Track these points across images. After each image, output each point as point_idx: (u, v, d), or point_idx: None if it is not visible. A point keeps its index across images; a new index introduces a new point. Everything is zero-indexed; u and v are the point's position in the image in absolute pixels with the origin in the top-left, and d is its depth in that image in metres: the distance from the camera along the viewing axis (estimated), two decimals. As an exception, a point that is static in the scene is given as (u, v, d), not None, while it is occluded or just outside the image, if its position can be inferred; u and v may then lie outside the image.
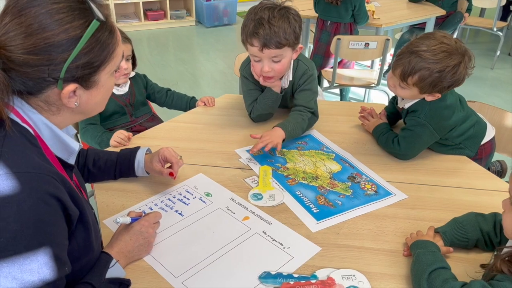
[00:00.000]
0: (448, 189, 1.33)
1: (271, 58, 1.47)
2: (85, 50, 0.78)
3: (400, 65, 1.34)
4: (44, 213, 0.72)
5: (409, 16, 3.53)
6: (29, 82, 0.77)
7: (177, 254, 1.05)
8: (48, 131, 0.83)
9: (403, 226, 1.17)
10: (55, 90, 0.79)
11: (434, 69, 1.28)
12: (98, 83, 0.84)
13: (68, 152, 0.88)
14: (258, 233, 1.12)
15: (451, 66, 1.28)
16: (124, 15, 5.87)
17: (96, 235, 0.91)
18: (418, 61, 1.29)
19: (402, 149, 1.45)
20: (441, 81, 1.30)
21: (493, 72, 4.46)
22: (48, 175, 0.75)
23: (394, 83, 1.40)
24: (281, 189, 1.32)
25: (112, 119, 1.84)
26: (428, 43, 1.29)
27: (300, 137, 1.61)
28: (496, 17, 4.39)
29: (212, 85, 4.13)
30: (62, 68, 0.76)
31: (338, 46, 2.83)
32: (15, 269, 0.68)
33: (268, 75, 1.51)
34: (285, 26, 1.41)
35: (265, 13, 1.41)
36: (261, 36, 1.41)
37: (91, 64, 0.80)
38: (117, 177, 1.32)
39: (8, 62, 0.74)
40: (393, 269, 1.03)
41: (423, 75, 1.30)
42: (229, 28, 5.91)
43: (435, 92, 1.35)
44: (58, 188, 0.75)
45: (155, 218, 1.09)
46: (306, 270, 1.01)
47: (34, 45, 0.74)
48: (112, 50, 0.83)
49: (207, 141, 1.57)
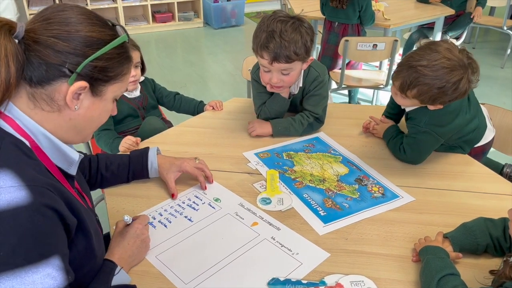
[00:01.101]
0: (457, 193, 1.32)
1: (281, 71, 1.47)
2: (107, 56, 0.83)
3: (399, 78, 1.32)
4: (41, 224, 0.72)
5: (417, 16, 3.51)
6: (44, 67, 0.78)
7: (187, 260, 1.06)
8: (47, 141, 0.84)
9: (411, 231, 1.17)
10: (64, 85, 0.80)
11: (434, 85, 1.25)
12: (103, 96, 0.87)
13: (68, 162, 0.89)
14: (267, 239, 1.13)
15: (451, 82, 1.24)
16: (133, 17, 5.91)
17: (98, 242, 0.92)
18: (417, 76, 1.26)
19: (409, 157, 1.46)
20: (442, 96, 1.28)
21: (503, 71, 4.42)
22: (42, 186, 0.75)
23: (395, 92, 1.40)
24: (289, 192, 1.32)
25: (125, 122, 1.87)
26: (429, 58, 1.25)
27: (307, 140, 1.62)
28: (506, 15, 4.34)
29: (220, 87, 4.14)
30: (82, 63, 0.80)
31: (346, 48, 2.83)
32: (17, 282, 0.69)
33: (277, 85, 1.52)
34: (296, 40, 1.40)
35: (278, 26, 1.40)
36: (271, 50, 1.40)
37: (106, 71, 0.84)
38: (130, 180, 1.34)
39: (34, 43, 0.78)
40: (402, 275, 1.03)
41: (422, 90, 1.28)
42: (237, 29, 5.92)
43: (436, 104, 1.33)
44: (53, 199, 0.76)
45: (144, 220, 1.12)
46: (315, 276, 1.02)
47: (67, 32, 0.79)
48: (124, 73, 0.89)
49: (215, 145, 1.58)
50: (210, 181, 1.36)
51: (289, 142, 1.61)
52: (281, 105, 1.63)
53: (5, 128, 0.79)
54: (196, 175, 1.32)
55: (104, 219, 1.22)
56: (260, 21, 1.48)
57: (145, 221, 1.12)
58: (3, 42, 0.75)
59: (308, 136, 1.65)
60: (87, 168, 1.25)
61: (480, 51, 4.98)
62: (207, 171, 1.35)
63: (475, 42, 5.11)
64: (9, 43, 0.76)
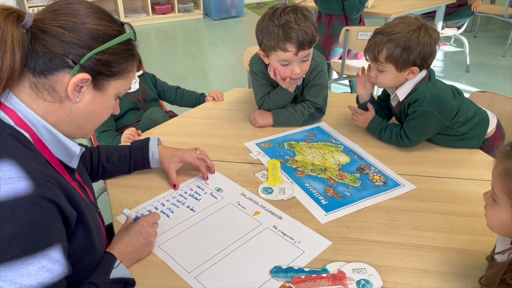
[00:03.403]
0: (459, 181, 1.32)
1: (302, 59, 1.48)
2: (112, 50, 0.84)
3: (368, 50, 1.43)
4: (39, 216, 0.72)
5: (418, 5, 3.48)
6: (48, 57, 0.79)
7: (189, 249, 1.07)
8: (48, 133, 0.84)
9: (413, 219, 1.17)
10: (66, 76, 0.81)
11: (397, 38, 1.35)
12: (105, 91, 0.87)
13: (69, 155, 0.89)
14: (269, 228, 1.13)
15: (411, 31, 1.34)
16: (132, 9, 5.88)
17: (99, 235, 0.92)
18: (381, 38, 1.38)
19: (413, 141, 1.46)
20: (409, 49, 1.35)
21: (505, 60, 4.40)
22: (42, 178, 0.75)
23: (374, 73, 1.46)
24: (290, 181, 1.33)
25: (127, 116, 1.87)
26: (388, 24, 1.41)
27: (308, 130, 1.62)
28: (507, 4, 4.31)
29: (221, 78, 4.13)
30: (87, 55, 0.80)
31: (347, 37, 2.81)
32: (13, 273, 0.69)
33: (298, 76, 1.53)
34: (310, 25, 1.43)
35: (290, 16, 1.42)
36: (295, 39, 1.41)
37: (110, 66, 0.84)
38: (131, 171, 1.34)
39: (40, 33, 0.79)
40: (404, 262, 1.03)
41: (390, 47, 1.36)
42: (237, 20, 5.90)
43: (411, 67, 1.38)
44: (53, 191, 0.76)
45: (153, 218, 1.09)
46: (317, 264, 1.02)
47: (74, 23, 0.80)
48: (129, 70, 0.90)
49: (216, 136, 1.58)
50: (212, 171, 1.36)
51: (291, 132, 1.61)
52: (286, 98, 1.64)
53: (5, 120, 0.80)
54: (197, 165, 1.32)
55: (107, 210, 1.23)
56: (263, 20, 1.47)
57: (153, 219, 1.09)
58: (10, 29, 0.76)
59: (310, 125, 1.65)
60: (88, 161, 1.25)
61: (481, 39, 4.96)
62: (209, 161, 1.35)
63: (477, 31, 5.08)
64: (16, 30, 0.76)
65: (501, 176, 0.83)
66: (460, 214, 1.18)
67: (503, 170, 0.82)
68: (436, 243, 1.08)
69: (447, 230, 1.13)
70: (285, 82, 1.56)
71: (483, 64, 4.28)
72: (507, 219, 0.83)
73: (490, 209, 0.89)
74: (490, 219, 0.89)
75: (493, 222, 0.88)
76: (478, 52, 4.52)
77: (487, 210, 0.90)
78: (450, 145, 1.49)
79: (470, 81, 3.91)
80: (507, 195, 0.82)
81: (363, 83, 1.58)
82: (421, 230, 1.13)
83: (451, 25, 4.01)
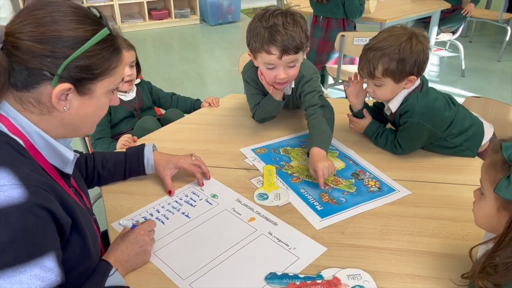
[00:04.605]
0: (453, 187, 1.33)
1: (287, 64, 1.45)
2: (88, 53, 0.80)
3: (363, 67, 1.41)
4: (32, 224, 0.72)
5: (413, 10, 3.50)
6: (26, 73, 0.77)
7: (184, 256, 1.07)
8: (41, 140, 0.83)
9: (408, 224, 1.17)
10: (48, 88, 0.79)
11: (391, 52, 1.34)
12: (92, 93, 0.85)
13: (64, 161, 0.89)
14: (264, 234, 1.13)
15: (403, 42, 1.34)
16: (129, 15, 5.89)
17: (94, 242, 0.92)
18: (374, 54, 1.36)
19: (405, 150, 1.47)
20: (404, 60, 1.34)
21: (500, 65, 4.42)
22: (36, 185, 0.75)
23: (372, 88, 1.44)
24: (285, 187, 1.33)
25: (121, 124, 1.87)
26: (376, 38, 1.39)
27: (304, 135, 1.63)
28: (502, 9, 4.34)
29: (217, 84, 4.14)
30: (62, 64, 0.78)
31: (343, 43, 2.82)
32: (5, 281, 0.69)
33: (283, 81, 1.49)
34: (299, 30, 1.40)
35: (279, 19, 1.39)
36: (280, 42, 1.38)
37: (90, 69, 0.81)
38: (127, 177, 1.33)
39: (13, 49, 0.76)
40: (399, 268, 1.03)
41: (385, 62, 1.35)
42: (233, 25, 5.92)
43: (408, 76, 1.38)
44: (47, 199, 0.76)
45: (149, 226, 1.08)
46: (312, 270, 1.02)
47: (42, 34, 0.77)
48: (114, 66, 0.86)
49: (212, 142, 1.58)
50: (207, 177, 1.36)
51: (286, 137, 1.62)
52: (276, 106, 1.62)
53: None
54: (193, 171, 1.32)
55: (102, 217, 1.23)
56: (253, 21, 1.46)
57: (149, 227, 1.07)
58: None
59: (305, 131, 1.65)
60: (83, 167, 1.25)
61: (477, 44, 4.99)
62: (204, 168, 1.35)
63: (472, 35, 5.11)
64: None
65: (488, 168, 0.87)
66: (454, 220, 1.18)
67: (490, 162, 0.86)
68: (430, 249, 1.09)
69: (441, 236, 1.13)
70: (270, 89, 1.54)
71: (478, 69, 4.30)
72: (491, 211, 0.87)
73: (477, 203, 0.92)
74: (477, 213, 0.93)
75: (480, 215, 0.92)
76: (473, 57, 4.54)
77: (475, 205, 0.94)
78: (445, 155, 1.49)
79: (465, 85, 3.93)
80: (492, 185, 0.85)
81: (354, 93, 1.56)
82: (416, 235, 1.14)
83: (446, 30, 4.03)
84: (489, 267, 0.84)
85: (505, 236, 0.82)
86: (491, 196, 0.86)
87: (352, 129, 1.60)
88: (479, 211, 0.91)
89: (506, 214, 0.83)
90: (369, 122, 1.55)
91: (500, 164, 0.84)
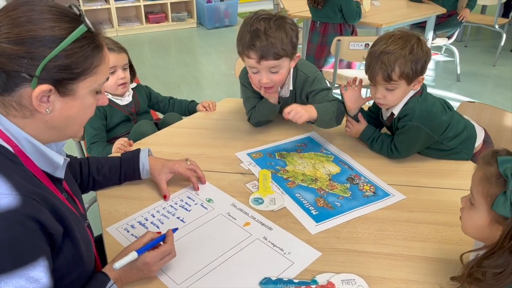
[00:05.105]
0: (447, 191, 1.33)
1: (269, 69, 1.46)
2: (67, 52, 0.77)
3: (377, 72, 1.37)
4: (20, 235, 0.71)
5: (409, 15, 3.52)
6: (4, 76, 0.75)
7: (179, 261, 1.07)
8: (30, 145, 0.82)
9: (402, 229, 1.18)
10: (28, 90, 0.77)
11: (405, 53, 1.34)
12: (75, 94, 0.82)
13: (53, 166, 0.87)
14: (259, 239, 1.13)
15: (414, 43, 1.35)
16: (126, 18, 5.89)
17: (87, 248, 0.90)
18: (389, 56, 1.34)
19: (402, 154, 1.47)
20: (418, 61, 1.35)
21: (495, 69, 4.45)
22: (25, 195, 0.73)
23: (382, 94, 1.41)
24: (281, 192, 1.33)
25: (117, 128, 1.86)
26: (383, 42, 1.37)
27: (299, 140, 1.63)
28: (497, 13, 4.37)
29: (214, 87, 4.14)
30: (39, 65, 0.75)
31: (339, 47, 2.84)
32: None
33: (267, 85, 1.50)
34: (282, 37, 1.40)
35: (261, 24, 1.40)
36: (258, 48, 1.40)
37: (70, 69, 0.79)
38: (122, 182, 1.33)
39: None
40: (393, 273, 1.03)
41: (401, 63, 1.34)
42: (230, 29, 5.92)
43: (419, 77, 1.39)
44: (37, 209, 0.74)
45: (163, 253, 0.99)
46: (306, 275, 1.02)
47: (17, 35, 0.74)
48: (95, 65, 0.83)
49: (208, 146, 1.59)
50: (203, 182, 1.36)
51: (282, 142, 1.62)
52: (271, 110, 1.62)
53: None
54: (188, 176, 1.32)
55: (97, 221, 1.23)
56: (243, 23, 1.48)
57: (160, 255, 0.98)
58: None
59: (300, 135, 1.66)
60: (78, 172, 1.24)
61: (472, 49, 5.01)
62: (199, 172, 1.35)
63: (467, 40, 5.13)
64: None
65: (481, 180, 0.87)
66: (448, 224, 1.19)
67: (484, 174, 0.86)
68: (425, 254, 1.09)
69: (435, 241, 1.14)
70: (261, 91, 1.55)
71: (473, 73, 4.32)
72: (483, 222, 0.87)
73: (467, 212, 0.92)
74: (466, 222, 0.93)
75: (469, 225, 0.92)
76: (468, 62, 4.56)
77: (464, 213, 0.94)
78: (441, 158, 1.50)
79: (460, 90, 3.95)
80: (485, 199, 0.85)
81: (352, 98, 1.55)
82: (410, 240, 1.14)
83: (441, 35, 4.05)
84: (478, 272, 0.84)
85: (498, 248, 0.82)
86: (484, 209, 0.86)
87: (348, 133, 1.60)
88: (469, 221, 0.91)
89: (499, 227, 0.84)
90: (365, 126, 1.56)
91: (494, 177, 0.84)
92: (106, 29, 5.41)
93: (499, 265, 0.81)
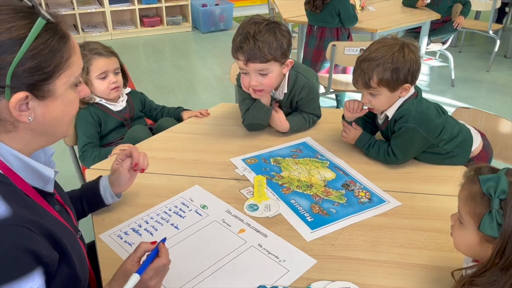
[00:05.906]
0: (443, 197, 1.33)
1: (258, 72, 1.49)
2: (32, 52, 0.72)
3: (358, 78, 1.42)
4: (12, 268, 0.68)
5: (404, 20, 3.54)
6: None
7: (173, 268, 1.04)
8: (18, 162, 0.78)
9: (398, 236, 1.17)
10: (4, 102, 0.72)
11: (385, 62, 1.36)
12: (54, 94, 0.77)
13: (44, 180, 0.83)
14: (254, 246, 1.12)
15: (395, 52, 1.36)
16: (120, 22, 5.87)
17: (82, 265, 0.87)
18: (368, 64, 1.38)
19: (399, 158, 1.47)
20: (398, 69, 1.36)
21: (489, 75, 4.47)
22: (17, 225, 0.70)
23: (367, 98, 1.45)
24: (276, 198, 1.32)
25: (111, 134, 1.84)
26: (369, 49, 1.41)
27: (294, 145, 1.62)
28: (491, 19, 4.40)
29: (208, 92, 4.13)
30: (7, 74, 0.70)
31: (334, 52, 2.84)
32: None
33: (256, 88, 1.54)
34: (270, 41, 1.44)
35: (252, 27, 1.45)
36: (245, 50, 1.44)
37: (41, 69, 0.73)
38: (87, 213, 1.21)
39: None
40: (388, 281, 1.03)
41: (379, 71, 1.37)
42: (225, 33, 5.92)
43: (402, 85, 1.39)
44: (32, 239, 0.71)
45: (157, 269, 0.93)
46: (301, 283, 1.02)
47: None
48: (66, 57, 0.77)
49: (202, 151, 1.57)
50: (141, 171, 1.22)
51: (277, 147, 1.61)
52: (263, 112, 1.63)
53: None
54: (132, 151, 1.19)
55: (89, 225, 1.21)
56: (238, 26, 1.52)
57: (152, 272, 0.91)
58: None
59: (296, 141, 1.65)
60: None
61: (466, 54, 5.04)
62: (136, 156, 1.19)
63: (461, 46, 5.16)
64: None
65: (467, 200, 0.86)
66: (444, 231, 1.18)
67: (469, 194, 0.86)
68: (420, 261, 1.09)
69: (431, 248, 1.13)
70: (250, 91, 1.57)
71: (467, 79, 4.35)
72: (473, 241, 0.87)
73: (457, 230, 0.92)
74: (457, 240, 0.93)
75: (459, 243, 0.92)
76: (463, 67, 4.59)
77: (454, 232, 0.93)
78: (436, 163, 1.50)
79: (455, 95, 3.96)
80: (472, 218, 0.85)
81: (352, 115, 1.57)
82: (406, 247, 1.13)
83: (436, 41, 4.07)
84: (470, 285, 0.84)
85: (489, 266, 0.82)
86: (473, 228, 0.86)
87: (344, 139, 1.60)
88: (459, 239, 0.91)
89: (489, 245, 0.83)
90: (361, 133, 1.56)
91: (479, 197, 0.83)
92: (101, 32, 5.44)
93: (491, 283, 0.81)
